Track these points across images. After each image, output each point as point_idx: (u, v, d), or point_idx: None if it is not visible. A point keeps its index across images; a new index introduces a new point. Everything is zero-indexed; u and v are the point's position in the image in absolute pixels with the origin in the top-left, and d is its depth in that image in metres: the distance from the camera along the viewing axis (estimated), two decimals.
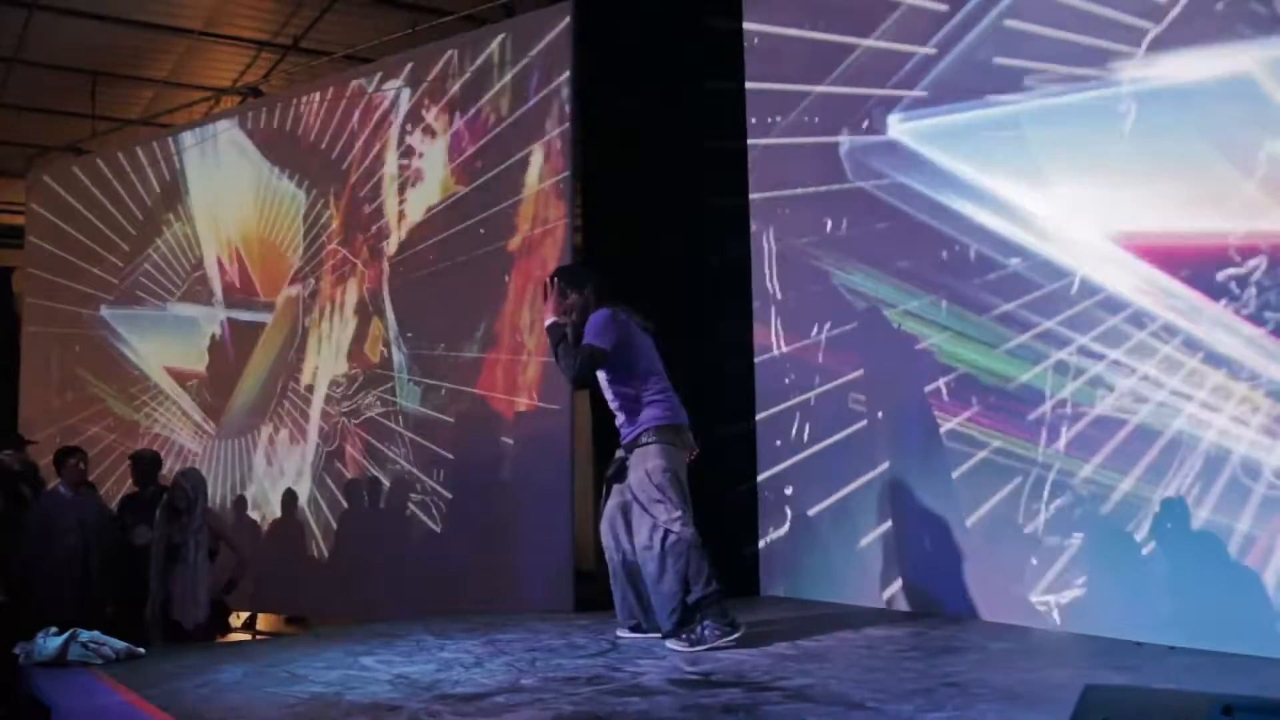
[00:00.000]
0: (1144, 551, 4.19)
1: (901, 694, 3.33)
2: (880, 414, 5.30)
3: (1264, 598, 3.82)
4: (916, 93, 5.15)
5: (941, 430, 4.99)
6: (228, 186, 8.79)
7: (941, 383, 5.02)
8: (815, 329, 5.69)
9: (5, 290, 12.20)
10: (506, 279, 6.71)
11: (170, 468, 7.63)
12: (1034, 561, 4.58)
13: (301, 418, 8.01)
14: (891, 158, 5.26)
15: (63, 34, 8.44)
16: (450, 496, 6.96)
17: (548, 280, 4.78)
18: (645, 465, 4.50)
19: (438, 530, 6.99)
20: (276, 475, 8.14)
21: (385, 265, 7.54)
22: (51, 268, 10.13)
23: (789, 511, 5.77)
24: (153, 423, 9.17)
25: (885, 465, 5.25)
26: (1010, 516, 4.68)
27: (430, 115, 7.33)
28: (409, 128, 7.46)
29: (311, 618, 8.15)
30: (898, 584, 5.19)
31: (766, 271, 5.99)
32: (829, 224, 5.64)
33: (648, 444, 4.53)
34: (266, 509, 8.18)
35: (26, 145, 10.39)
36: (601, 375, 4.62)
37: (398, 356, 7.33)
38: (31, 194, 10.47)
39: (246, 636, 8.46)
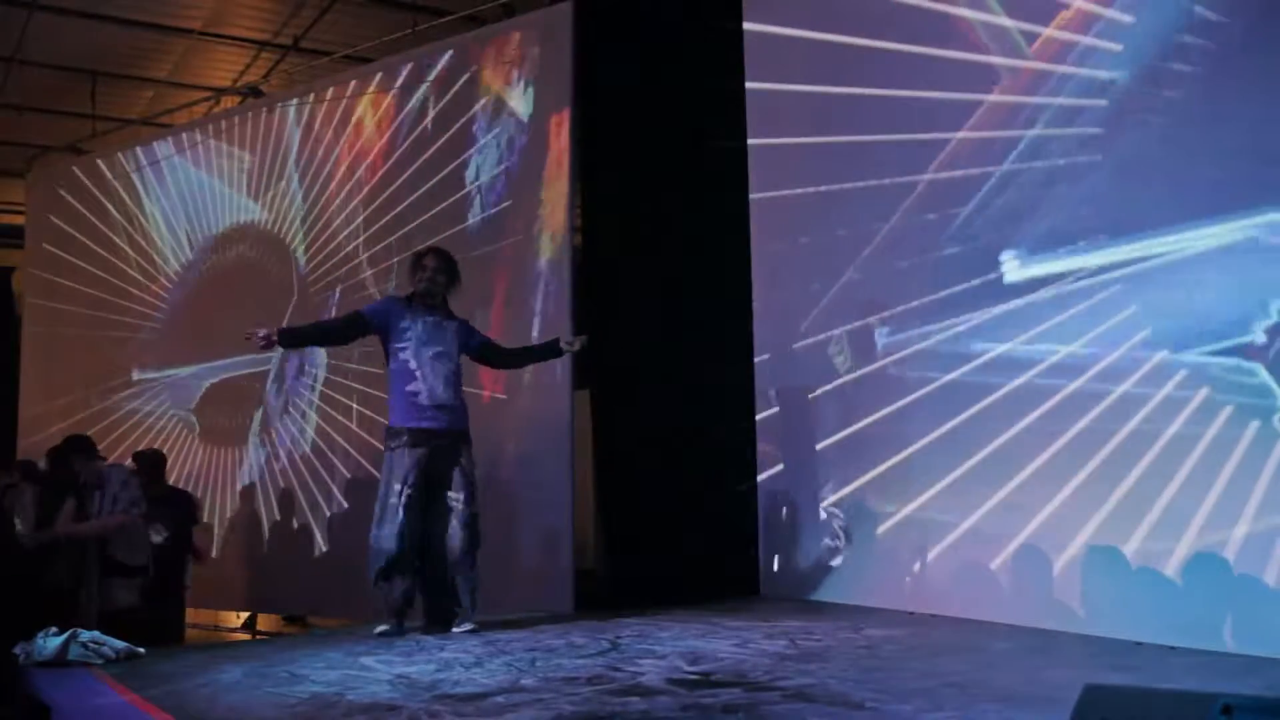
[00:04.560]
0: (1144, 552, 4.19)
1: (901, 694, 3.33)
2: (880, 414, 5.30)
3: (1264, 598, 3.81)
4: (922, 93, 5.15)
5: (941, 430, 4.99)
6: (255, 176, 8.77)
7: (941, 382, 5.02)
8: (815, 328, 5.69)
9: (5, 290, 12.20)
10: (507, 279, 6.71)
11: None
12: (1035, 561, 4.58)
13: (300, 416, 8.01)
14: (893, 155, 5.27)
15: (63, 34, 8.44)
16: None
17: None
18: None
19: None
20: (277, 473, 8.14)
21: (385, 264, 7.54)
22: (51, 268, 10.13)
23: (788, 511, 5.76)
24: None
25: (885, 465, 5.25)
26: (1011, 517, 4.68)
27: (430, 115, 7.33)
28: (408, 128, 7.46)
29: (311, 618, 8.16)
30: (899, 584, 5.18)
31: (766, 271, 5.98)
32: (829, 223, 5.64)
33: (389, 444, 4.91)
34: (269, 508, 8.17)
35: (26, 145, 10.39)
36: None
37: None
38: (31, 194, 10.47)
39: (246, 636, 8.47)
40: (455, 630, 4.81)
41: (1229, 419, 3.96)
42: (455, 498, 4.88)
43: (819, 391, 5.67)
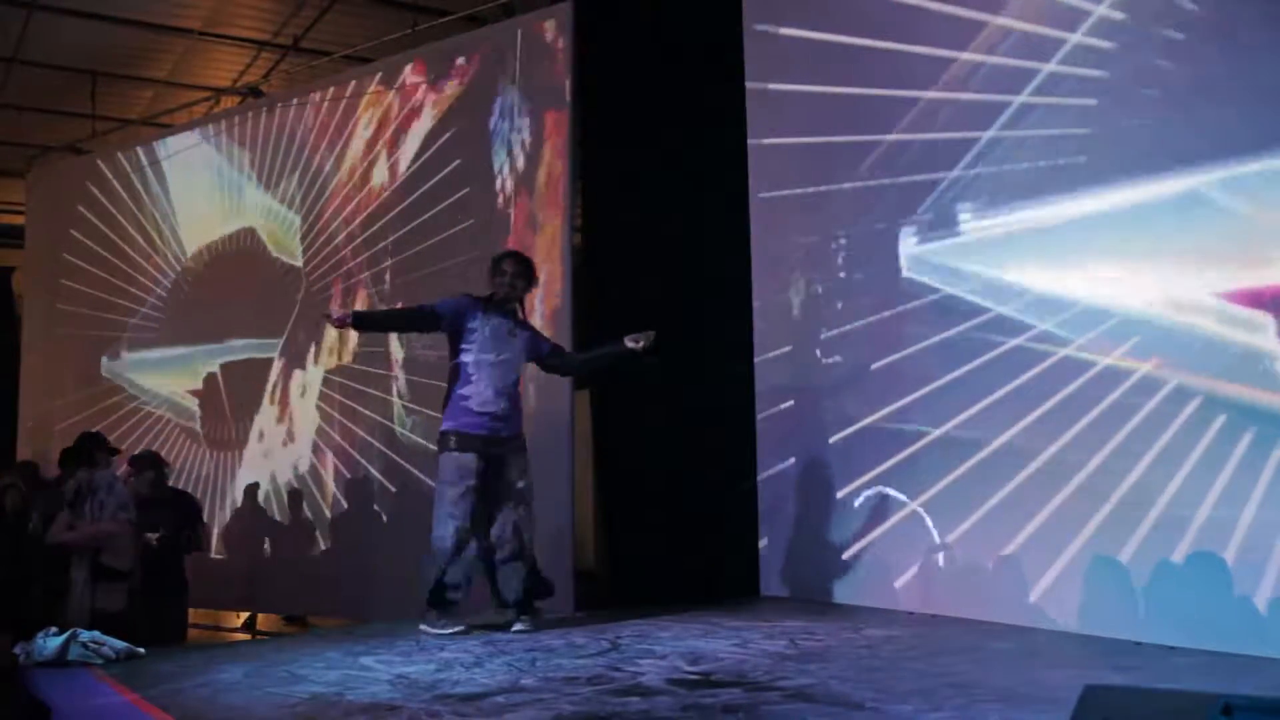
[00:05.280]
0: (1144, 551, 4.19)
1: (901, 694, 3.33)
2: (880, 414, 5.30)
3: (1264, 598, 3.82)
4: (923, 92, 5.15)
5: (941, 430, 4.99)
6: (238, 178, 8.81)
7: (941, 383, 5.02)
8: (816, 328, 5.69)
9: (5, 290, 12.20)
10: None
11: None
12: (1034, 561, 4.58)
13: (299, 416, 8.01)
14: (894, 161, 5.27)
15: (63, 34, 8.44)
16: None
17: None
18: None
19: None
20: (277, 474, 8.14)
21: (385, 265, 7.54)
22: (51, 268, 10.13)
23: (789, 511, 5.76)
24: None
25: (885, 465, 5.25)
26: (1011, 517, 4.68)
27: (429, 115, 7.33)
28: (408, 128, 7.46)
29: (311, 618, 8.15)
30: (899, 584, 5.18)
31: (766, 271, 5.98)
32: (829, 224, 5.64)
33: (439, 448, 4.92)
34: (268, 508, 8.17)
35: (26, 145, 10.39)
36: None
37: (397, 355, 7.33)
38: (31, 194, 10.46)
39: (246, 636, 8.47)
40: (514, 629, 4.82)
41: (1229, 419, 3.96)
42: (511, 502, 4.88)
43: (820, 391, 5.66)
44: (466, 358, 4.88)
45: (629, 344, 4.89)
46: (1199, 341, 4.08)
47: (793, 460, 5.76)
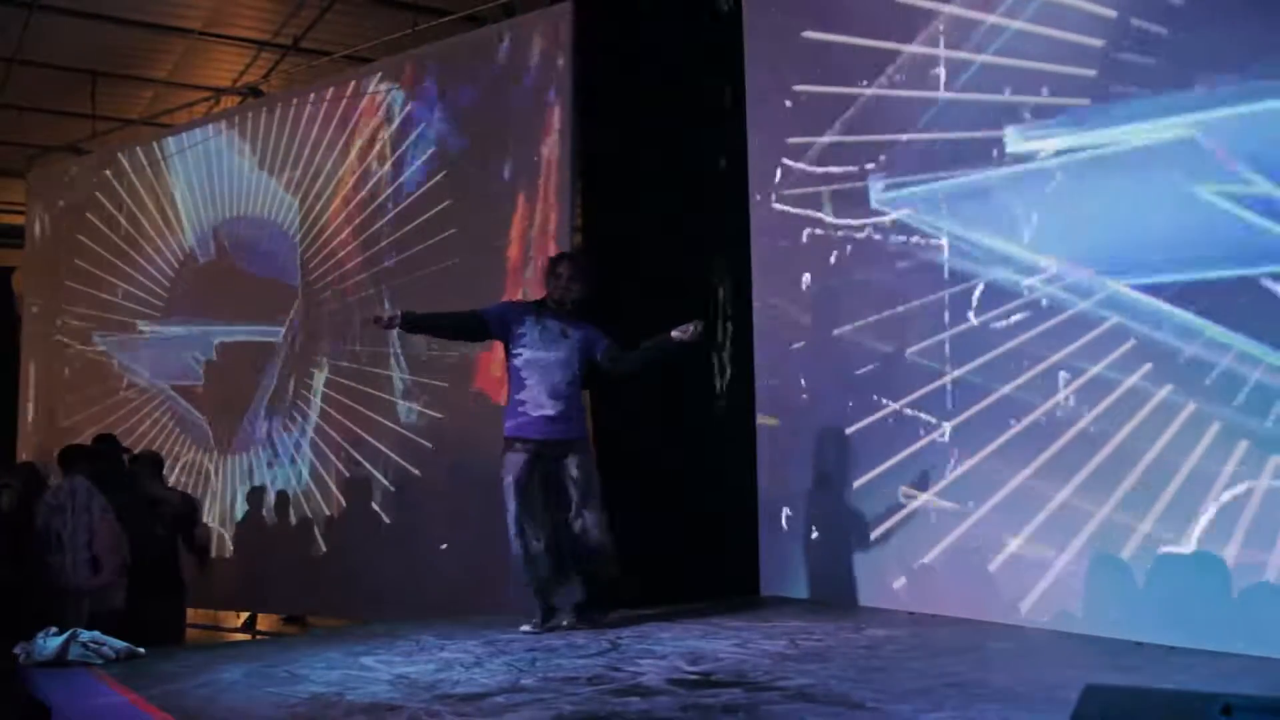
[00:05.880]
0: (1145, 551, 4.19)
1: (901, 694, 3.33)
2: (881, 413, 5.30)
3: (1264, 598, 3.82)
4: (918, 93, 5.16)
5: (942, 430, 4.99)
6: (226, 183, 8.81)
7: (942, 382, 5.02)
8: (816, 328, 5.69)
9: (5, 290, 12.21)
10: (507, 280, 6.71)
11: None
12: (1035, 561, 4.58)
13: (300, 417, 8.01)
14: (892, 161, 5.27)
15: (63, 34, 8.45)
16: (450, 497, 6.95)
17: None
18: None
19: (438, 530, 6.98)
20: (277, 474, 8.14)
21: (385, 265, 7.54)
22: (52, 268, 10.13)
23: (789, 511, 5.76)
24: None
25: (885, 465, 5.25)
26: (1011, 516, 4.68)
27: (429, 115, 7.33)
28: (408, 128, 7.46)
29: (311, 618, 8.16)
30: (899, 584, 5.19)
31: (766, 271, 5.98)
32: (829, 224, 5.64)
33: (503, 451, 4.92)
34: (267, 509, 8.18)
35: (26, 145, 10.40)
36: None
37: (397, 355, 7.33)
38: (31, 194, 10.47)
39: (246, 636, 8.47)
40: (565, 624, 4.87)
41: (1229, 419, 3.96)
42: (574, 502, 4.88)
43: (820, 390, 5.66)
44: (518, 362, 4.88)
45: (676, 335, 4.81)
46: (1201, 342, 4.08)
47: (793, 460, 5.76)
